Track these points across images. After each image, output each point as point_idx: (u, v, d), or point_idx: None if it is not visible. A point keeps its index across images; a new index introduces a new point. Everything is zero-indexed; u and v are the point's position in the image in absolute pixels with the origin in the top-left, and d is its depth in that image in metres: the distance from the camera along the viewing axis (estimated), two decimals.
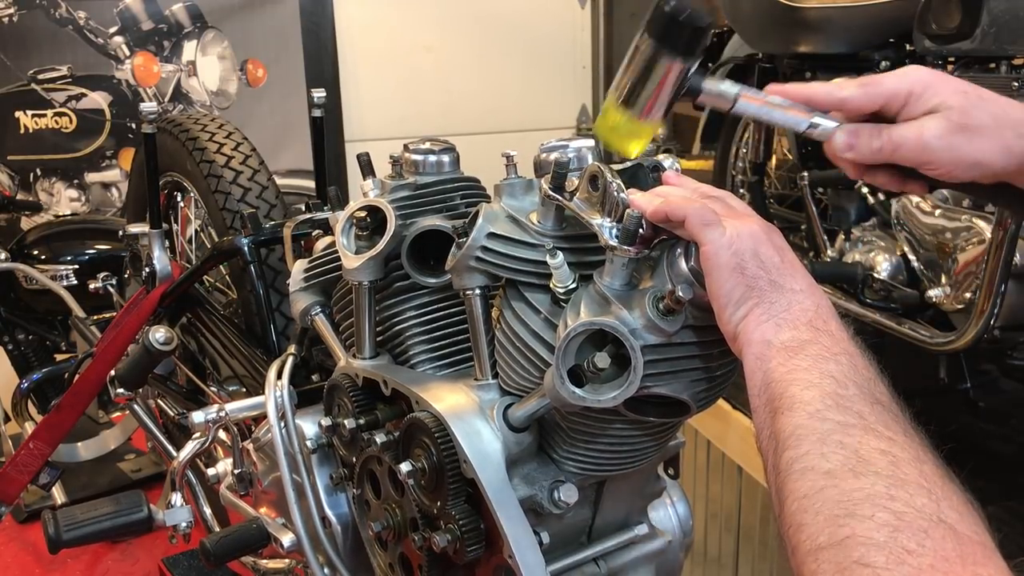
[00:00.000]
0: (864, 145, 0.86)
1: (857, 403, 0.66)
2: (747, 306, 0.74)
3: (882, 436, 0.63)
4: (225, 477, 1.38)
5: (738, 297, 0.74)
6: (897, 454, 0.62)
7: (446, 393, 0.98)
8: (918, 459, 0.62)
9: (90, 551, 2.19)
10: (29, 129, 3.37)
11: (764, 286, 0.74)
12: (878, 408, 0.66)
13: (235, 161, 1.77)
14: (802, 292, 0.74)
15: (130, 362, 1.56)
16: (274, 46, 3.64)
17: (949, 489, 0.60)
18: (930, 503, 0.58)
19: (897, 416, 0.67)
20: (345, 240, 1.09)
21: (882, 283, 2.05)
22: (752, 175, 2.60)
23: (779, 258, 0.76)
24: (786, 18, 2.21)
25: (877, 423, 0.64)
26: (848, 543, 0.57)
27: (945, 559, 0.54)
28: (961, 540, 0.56)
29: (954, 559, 0.54)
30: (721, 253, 0.75)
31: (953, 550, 0.55)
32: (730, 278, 0.75)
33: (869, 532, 0.56)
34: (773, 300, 0.74)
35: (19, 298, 2.56)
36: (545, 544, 0.95)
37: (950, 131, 0.82)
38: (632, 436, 0.94)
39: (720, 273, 0.75)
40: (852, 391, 0.67)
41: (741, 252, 0.75)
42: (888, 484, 0.59)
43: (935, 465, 0.62)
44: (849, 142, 0.86)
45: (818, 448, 0.63)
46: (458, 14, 3.91)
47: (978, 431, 2.04)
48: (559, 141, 0.96)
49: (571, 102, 4.20)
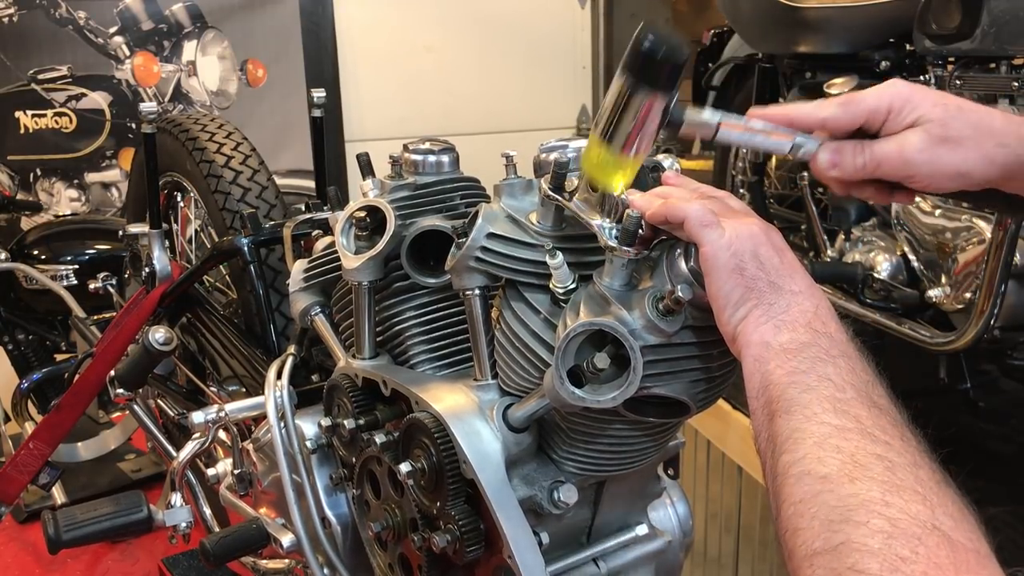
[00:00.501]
0: (848, 163, 0.86)
1: (855, 407, 0.66)
2: (746, 307, 0.74)
3: (879, 440, 0.63)
4: (225, 477, 1.38)
5: (737, 298, 0.75)
6: (893, 459, 0.62)
7: (446, 393, 0.98)
8: (914, 464, 0.62)
9: (90, 551, 2.18)
10: (29, 129, 3.37)
11: (763, 287, 0.74)
12: (875, 412, 0.66)
13: (235, 161, 1.77)
14: (801, 293, 0.74)
15: (130, 362, 1.56)
16: (274, 46, 3.64)
17: (945, 495, 0.60)
18: (925, 510, 0.58)
19: (895, 420, 0.67)
20: (345, 240, 1.09)
21: (882, 283, 2.05)
22: (752, 175, 2.60)
23: (778, 259, 0.76)
24: (786, 18, 2.21)
25: (874, 427, 0.65)
26: (843, 549, 0.57)
27: (938, 567, 0.55)
28: (955, 548, 0.56)
29: (947, 567, 0.55)
30: (720, 254, 0.75)
31: (947, 558, 0.55)
32: (729, 279, 0.75)
33: (864, 539, 0.57)
34: (772, 301, 0.74)
35: (19, 298, 2.56)
36: (545, 544, 0.94)
37: (931, 144, 0.83)
38: (632, 436, 0.94)
39: (719, 274, 0.75)
40: (850, 394, 0.67)
41: (740, 253, 0.75)
42: (884, 490, 0.59)
43: (931, 470, 0.62)
44: (833, 160, 0.87)
45: (815, 452, 0.64)
46: (458, 14, 3.91)
47: (978, 431, 2.04)
48: (559, 141, 0.95)
49: (571, 102, 4.20)
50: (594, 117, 1.01)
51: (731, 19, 2.65)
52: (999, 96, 1.74)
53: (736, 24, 2.65)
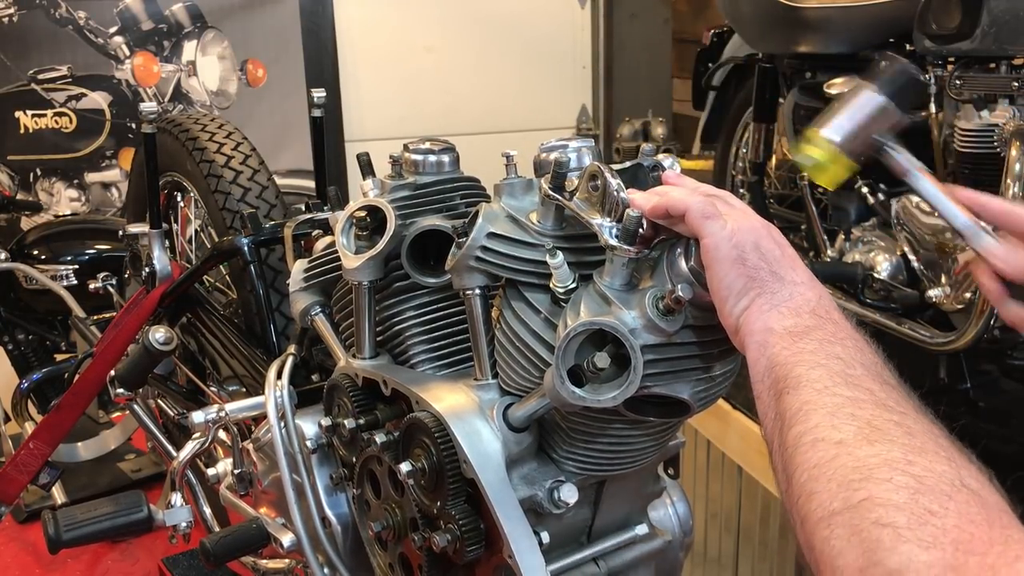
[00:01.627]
0: None
1: (866, 381, 0.65)
2: (749, 297, 0.74)
3: (894, 410, 0.62)
4: (225, 477, 1.38)
5: (739, 288, 0.74)
6: (911, 426, 0.60)
7: (446, 393, 0.98)
8: (932, 432, 0.60)
9: (90, 551, 2.18)
10: (29, 129, 3.37)
11: (765, 277, 0.74)
12: (887, 387, 0.65)
13: (235, 161, 1.77)
14: (803, 284, 0.74)
15: (130, 362, 1.56)
16: (274, 46, 3.64)
17: (967, 460, 0.58)
18: (950, 469, 0.56)
19: (907, 396, 0.66)
20: (345, 240, 1.09)
21: (882, 283, 2.05)
22: (752, 175, 2.59)
23: (780, 251, 0.76)
24: (786, 18, 2.21)
25: (888, 399, 0.63)
26: (865, 505, 0.54)
27: (971, 521, 0.52)
28: (986, 504, 0.53)
29: (980, 521, 0.52)
30: (722, 245, 0.75)
31: (978, 513, 0.52)
32: (731, 270, 0.74)
33: (888, 494, 0.54)
34: (775, 290, 0.74)
35: (19, 298, 2.56)
36: (545, 544, 0.94)
37: None
38: (632, 436, 0.94)
39: (721, 265, 0.75)
40: (860, 371, 0.66)
41: (742, 245, 0.75)
42: (905, 451, 0.57)
43: (950, 439, 0.61)
44: (1007, 257, 0.88)
45: (828, 420, 0.62)
46: (458, 14, 3.91)
47: (978, 431, 2.03)
48: (559, 141, 0.95)
49: (571, 102, 4.20)
50: (593, 116, 1.03)
51: (731, 19, 2.65)
52: (999, 96, 1.74)
53: (736, 24, 2.65)
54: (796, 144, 0.93)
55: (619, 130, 4.09)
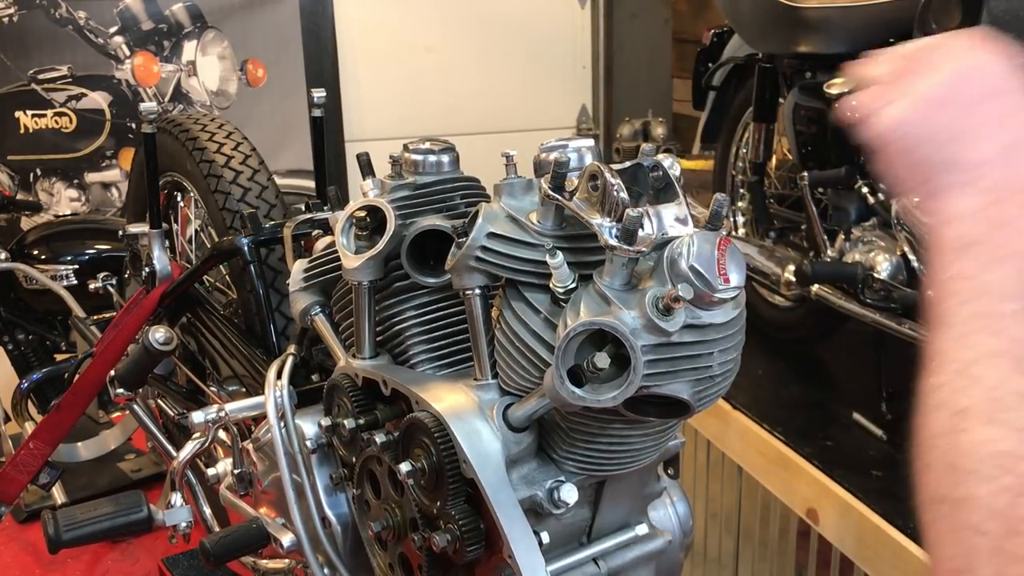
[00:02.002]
0: None
1: (1013, 326, 0.60)
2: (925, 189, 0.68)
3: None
4: (225, 477, 1.38)
5: (911, 182, 0.70)
6: None
7: (446, 393, 0.98)
8: None
9: (90, 551, 2.19)
10: (29, 129, 3.37)
11: (936, 164, 0.67)
12: None
13: (235, 161, 1.77)
14: (986, 165, 0.66)
15: (130, 362, 1.56)
16: (274, 46, 3.64)
17: None
18: None
19: None
20: (345, 240, 1.09)
21: (882, 283, 2.05)
22: (752, 175, 2.59)
23: (964, 121, 0.68)
24: (786, 18, 2.21)
25: None
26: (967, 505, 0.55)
27: None
28: None
29: None
30: (887, 135, 0.70)
31: None
32: (899, 162, 0.70)
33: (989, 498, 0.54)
34: (948, 182, 0.67)
35: (19, 298, 2.56)
36: (545, 544, 0.94)
37: None
38: (632, 436, 0.94)
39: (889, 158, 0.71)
40: (1012, 306, 0.60)
41: (912, 130, 0.69)
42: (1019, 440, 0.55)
43: None
44: None
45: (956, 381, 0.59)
46: (458, 14, 3.91)
47: None
48: (559, 141, 0.95)
49: (571, 102, 4.20)
50: (593, 116, 1.02)
51: (731, 19, 2.65)
52: None
53: (736, 24, 2.65)
54: None
55: (619, 130, 4.09)
